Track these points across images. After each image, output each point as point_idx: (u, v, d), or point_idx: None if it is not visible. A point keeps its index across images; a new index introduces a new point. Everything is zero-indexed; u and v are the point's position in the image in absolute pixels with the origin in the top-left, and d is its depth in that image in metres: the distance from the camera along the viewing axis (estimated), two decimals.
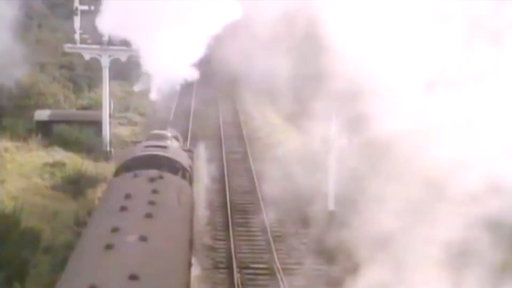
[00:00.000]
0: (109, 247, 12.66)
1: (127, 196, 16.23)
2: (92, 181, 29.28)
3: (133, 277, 11.44)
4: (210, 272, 22.89)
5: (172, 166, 19.92)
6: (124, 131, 40.78)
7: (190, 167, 21.47)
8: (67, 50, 35.88)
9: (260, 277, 23.07)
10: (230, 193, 30.53)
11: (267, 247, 25.13)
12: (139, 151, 21.57)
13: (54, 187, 29.02)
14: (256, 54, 27.19)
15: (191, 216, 17.62)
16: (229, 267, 23.32)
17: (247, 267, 23.60)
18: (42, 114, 37.67)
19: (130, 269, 11.63)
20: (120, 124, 43.08)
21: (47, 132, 36.11)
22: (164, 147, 21.82)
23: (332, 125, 26.55)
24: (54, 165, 31.18)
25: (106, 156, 34.56)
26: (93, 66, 42.66)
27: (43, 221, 24.53)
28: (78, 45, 35.12)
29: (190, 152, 24.58)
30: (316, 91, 25.75)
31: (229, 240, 25.48)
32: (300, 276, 22.87)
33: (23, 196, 26.51)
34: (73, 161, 32.50)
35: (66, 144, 34.72)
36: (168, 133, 24.73)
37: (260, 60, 27.68)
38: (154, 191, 16.87)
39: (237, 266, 23.27)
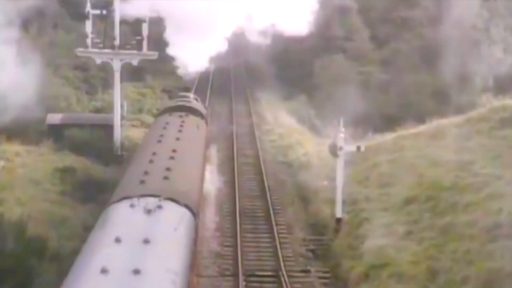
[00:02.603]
0: (159, 141, 23.91)
1: (166, 123, 27.60)
2: (101, 187, 29.21)
3: (172, 157, 21.15)
4: None
5: (193, 112, 30.86)
6: (137, 134, 40.46)
7: (206, 114, 33.83)
8: (78, 54, 35.89)
9: None
10: None
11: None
12: (172, 103, 33.95)
13: (63, 193, 29.04)
14: None
15: (206, 136, 29.97)
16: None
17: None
18: (54, 118, 37.82)
19: (171, 148, 22.18)
20: (133, 126, 42.98)
21: (59, 136, 36.22)
22: (188, 101, 33.39)
23: (340, 132, 26.19)
24: (64, 170, 31.29)
25: (118, 160, 34.62)
26: (108, 67, 42.59)
27: (50, 228, 24.49)
28: (90, 49, 35.17)
29: (206, 108, 37.65)
30: None
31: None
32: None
33: (31, 202, 26.55)
34: (84, 165, 32.51)
35: (78, 148, 34.78)
36: (191, 94, 37.42)
37: None
38: (182, 121, 28.03)
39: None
